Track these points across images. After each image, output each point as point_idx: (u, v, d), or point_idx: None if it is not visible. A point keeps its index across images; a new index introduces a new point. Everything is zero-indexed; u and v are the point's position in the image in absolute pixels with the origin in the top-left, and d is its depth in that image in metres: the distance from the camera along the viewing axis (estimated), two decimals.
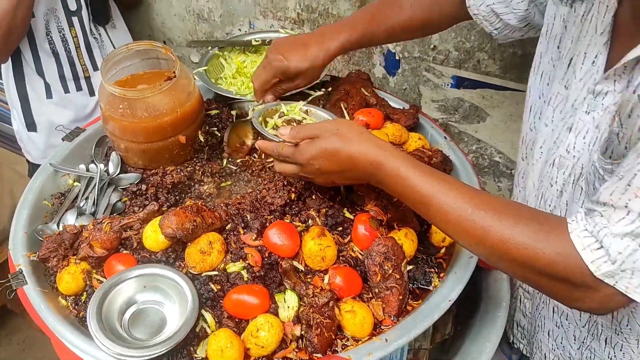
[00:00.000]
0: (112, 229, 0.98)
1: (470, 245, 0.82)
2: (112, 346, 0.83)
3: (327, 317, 0.90)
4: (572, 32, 0.88)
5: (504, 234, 0.75)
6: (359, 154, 0.86)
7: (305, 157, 0.90)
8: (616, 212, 0.69)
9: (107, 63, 1.17)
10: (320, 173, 0.91)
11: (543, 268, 0.74)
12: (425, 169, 0.84)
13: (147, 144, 1.18)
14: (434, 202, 0.81)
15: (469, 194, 0.80)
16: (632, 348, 0.94)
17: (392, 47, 1.67)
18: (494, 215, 0.77)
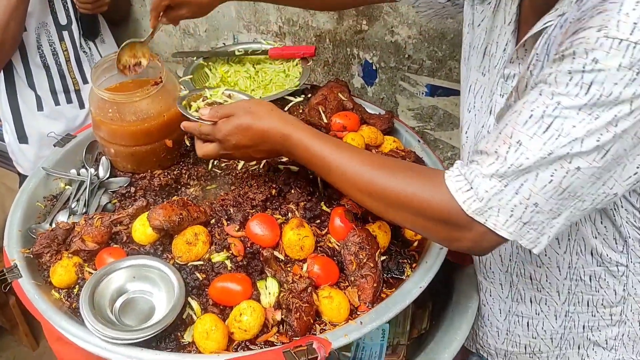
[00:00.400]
0: (102, 223, 1.04)
1: (363, 198, 0.90)
2: (104, 330, 0.89)
3: (306, 302, 0.96)
4: (485, 23, 0.98)
5: (389, 183, 0.85)
6: (269, 128, 0.95)
7: (222, 133, 0.98)
8: (488, 157, 0.76)
9: (97, 69, 1.24)
10: (237, 148, 0.99)
11: (423, 211, 0.82)
12: (325, 138, 0.94)
13: (135, 147, 1.24)
14: (332, 164, 0.91)
15: (361, 154, 0.92)
16: (555, 300, 1.02)
17: (370, 58, 1.76)
18: (381, 169, 0.87)
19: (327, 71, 1.89)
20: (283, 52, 1.52)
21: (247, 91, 1.47)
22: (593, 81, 0.67)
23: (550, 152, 0.71)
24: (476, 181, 0.77)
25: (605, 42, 0.66)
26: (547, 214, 0.76)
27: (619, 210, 0.89)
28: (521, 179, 0.74)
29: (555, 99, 0.70)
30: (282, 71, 1.51)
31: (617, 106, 0.67)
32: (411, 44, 1.66)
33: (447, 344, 1.14)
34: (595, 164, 0.71)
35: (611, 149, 0.70)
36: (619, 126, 0.68)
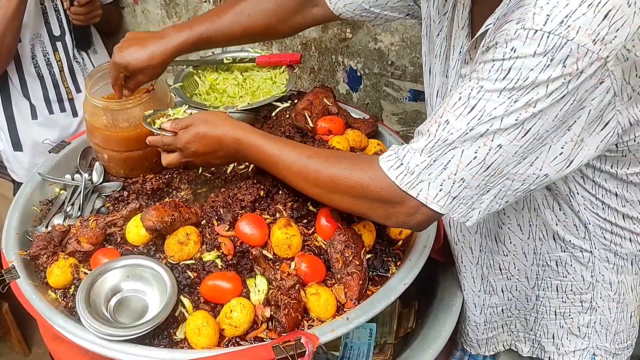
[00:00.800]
0: (97, 225, 1.08)
1: (309, 188, 0.99)
2: (99, 327, 0.92)
3: (294, 299, 1.00)
4: (445, 32, 1.04)
5: (329, 171, 0.93)
6: (223, 134, 1.04)
7: (182, 142, 1.07)
8: (421, 136, 0.84)
9: (91, 78, 1.29)
10: (196, 155, 1.08)
11: (363, 193, 0.90)
12: (273, 138, 1.03)
13: (127, 152, 1.28)
14: (280, 160, 0.99)
15: (304, 149, 1.01)
16: (525, 285, 1.08)
17: (354, 65, 1.82)
18: (323, 160, 0.95)
19: (313, 78, 1.94)
20: (270, 59, 1.57)
21: (236, 98, 1.51)
22: (511, 67, 0.73)
23: (471, 129, 0.78)
24: (407, 157, 0.84)
25: (522, 32, 0.73)
26: (475, 189, 0.82)
27: (575, 197, 0.94)
28: (448, 155, 0.81)
29: (479, 83, 0.77)
30: (269, 78, 1.56)
31: (534, 89, 0.74)
32: (394, 50, 1.71)
33: (432, 340, 1.18)
34: (516, 142, 0.77)
35: (532, 128, 0.76)
36: (537, 107, 0.74)
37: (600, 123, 0.78)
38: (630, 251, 1.00)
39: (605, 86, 0.74)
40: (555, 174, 0.82)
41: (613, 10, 0.70)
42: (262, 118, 1.43)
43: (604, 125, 0.79)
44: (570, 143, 0.79)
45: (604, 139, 0.80)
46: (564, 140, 0.78)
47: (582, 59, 0.71)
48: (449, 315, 1.23)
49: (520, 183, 0.82)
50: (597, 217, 0.96)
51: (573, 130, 0.78)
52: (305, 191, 1.01)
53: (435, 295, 1.30)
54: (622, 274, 1.02)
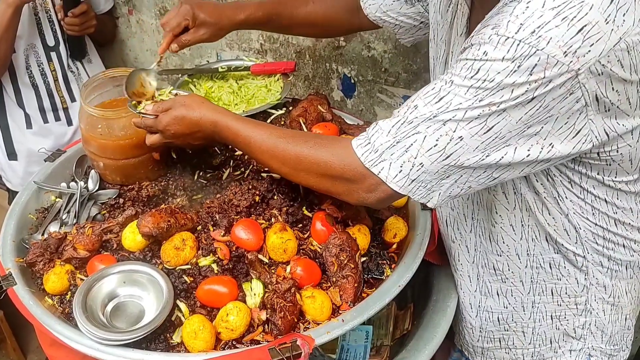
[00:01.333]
0: (94, 232, 1.09)
1: (278, 166, 1.02)
2: (96, 332, 0.93)
3: (290, 302, 1.01)
4: (445, 35, 1.07)
5: (296, 149, 0.97)
6: (201, 117, 1.08)
7: (163, 124, 1.12)
8: (392, 118, 0.87)
9: (87, 87, 1.30)
10: (176, 137, 1.13)
11: (324, 170, 0.94)
12: (248, 120, 1.07)
13: (123, 160, 1.29)
14: (252, 140, 1.03)
15: (275, 130, 1.05)
16: (520, 290, 1.09)
17: (348, 72, 1.84)
18: (290, 140, 1.00)
19: (308, 85, 1.97)
20: (265, 68, 1.59)
21: (231, 106, 1.53)
22: (480, 68, 0.77)
23: (435, 115, 0.82)
24: (374, 135, 0.88)
25: (494, 37, 0.76)
26: (434, 174, 0.85)
27: (564, 201, 0.95)
28: (411, 139, 0.84)
29: (451, 78, 0.81)
30: (264, 86, 1.58)
31: (499, 92, 0.77)
32: (387, 58, 1.73)
33: (427, 341, 1.19)
34: (477, 137, 0.81)
35: (494, 127, 0.79)
36: (500, 107, 0.78)
37: (572, 131, 0.81)
38: (624, 256, 1.01)
39: (574, 97, 0.76)
40: (521, 171, 0.85)
41: (588, 26, 0.72)
42: None
43: (576, 133, 0.81)
44: (537, 146, 0.82)
45: (576, 146, 0.82)
46: (530, 143, 0.81)
47: (550, 68, 0.74)
48: (444, 317, 1.24)
49: (483, 173, 0.85)
50: (588, 222, 0.97)
51: (540, 134, 0.81)
52: (274, 169, 1.05)
53: (430, 297, 1.31)
54: (616, 278, 1.03)
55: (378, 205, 0.96)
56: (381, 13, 1.32)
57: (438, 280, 1.32)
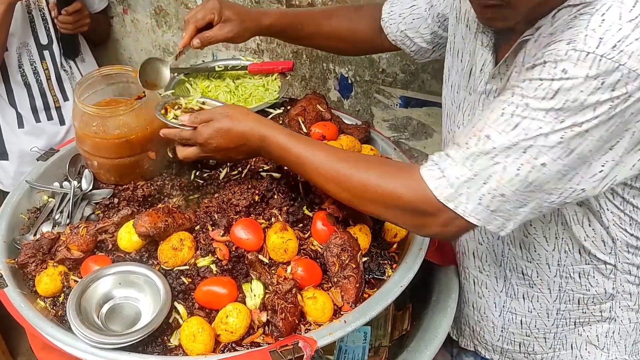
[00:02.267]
0: (88, 232, 1.06)
1: (338, 192, 0.95)
2: (91, 335, 0.90)
3: (291, 303, 0.98)
4: (469, 46, 1.04)
5: (361, 177, 0.91)
6: (247, 130, 1.01)
7: (203, 137, 1.03)
8: (459, 148, 0.83)
9: (81, 85, 1.27)
10: (217, 150, 1.04)
11: (394, 201, 0.88)
12: (299, 137, 1.00)
13: (118, 159, 1.26)
14: (307, 161, 0.96)
15: (334, 152, 0.97)
16: (547, 297, 1.06)
17: (345, 72, 1.82)
18: (354, 165, 0.92)
19: (305, 86, 1.95)
20: (262, 67, 1.57)
21: None
22: (560, 88, 0.74)
23: (514, 144, 0.77)
24: (448, 169, 0.82)
25: (573, 54, 0.72)
26: (514, 203, 0.81)
27: (606, 213, 0.93)
28: (489, 170, 0.80)
29: (524, 101, 0.77)
30: (262, 85, 1.56)
31: (581, 111, 0.74)
32: (385, 58, 1.72)
33: (428, 342, 1.17)
34: (560, 161, 0.77)
35: (576, 148, 0.76)
36: (582, 127, 0.74)
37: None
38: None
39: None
40: (592, 189, 0.82)
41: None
42: None
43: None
44: (612, 162, 0.79)
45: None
46: (604, 159, 0.79)
47: (631, 82, 0.71)
48: (444, 317, 1.22)
49: (557, 197, 0.82)
50: (625, 233, 0.96)
51: (615, 149, 0.78)
52: (333, 194, 0.98)
53: (430, 297, 1.29)
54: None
55: (451, 239, 0.93)
56: (400, 32, 1.28)
57: (438, 280, 1.30)
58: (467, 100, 1.06)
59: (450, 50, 1.12)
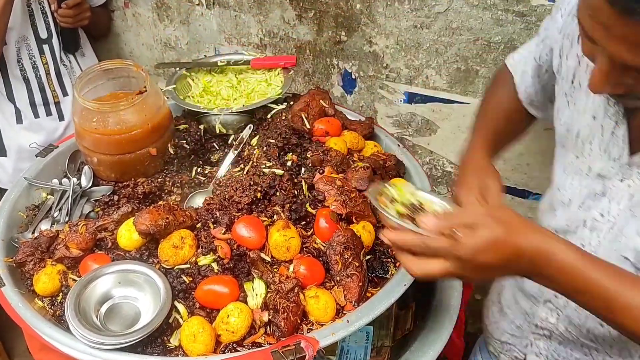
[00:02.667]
0: (87, 230, 1.04)
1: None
2: (89, 335, 0.88)
3: (293, 302, 0.97)
4: (577, 105, 0.95)
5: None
6: (527, 245, 0.76)
7: (469, 250, 0.75)
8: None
9: (81, 80, 1.24)
10: (482, 269, 0.77)
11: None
12: (600, 263, 0.77)
13: (119, 155, 1.24)
14: (614, 297, 0.75)
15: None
16: None
17: (349, 67, 1.80)
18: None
19: (308, 81, 1.92)
20: (265, 62, 1.55)
21: (230, 100, 1.48)
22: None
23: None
24: None
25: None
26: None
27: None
28: None
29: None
30: (264, 80, 1.53)
31: None
32: (389, 53, 1.69)
33: (432, 342, 1.16)
34: None
35: None
36: None
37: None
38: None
39: None
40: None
41: None
42: (257, 120, 1.40)
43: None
44: None
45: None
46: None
47: None
48: (447, 317, 1.21)
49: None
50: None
51: None
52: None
53: (433, 296, 1.27)
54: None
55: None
56: (533, 90, 1.16)
57: (441, 279, 1.28)
58: (574, 164, 0.99)
59: (556, 109, 1.04)
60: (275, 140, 1.28)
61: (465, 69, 1.59)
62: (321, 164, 1.21)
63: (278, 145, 1.26)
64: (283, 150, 1.26)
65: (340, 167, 1.22)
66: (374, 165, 1.26)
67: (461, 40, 1.56)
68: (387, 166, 1.29)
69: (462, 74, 1.60)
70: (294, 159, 1.23)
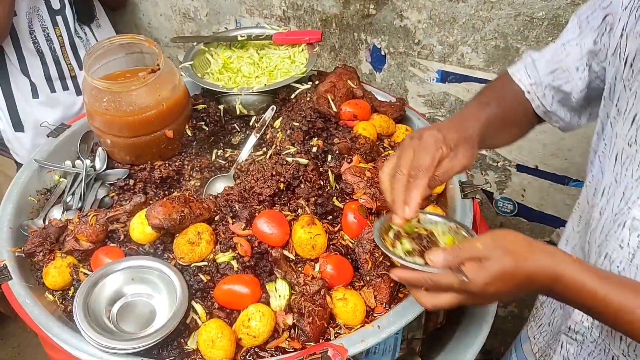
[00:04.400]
0: (97, 221, 0.97)
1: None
2: (99, 339, 0.82)
3: (319, 305, 0.89)
4: (635, 89, 0.85)
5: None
6: (536, 270, 0.76)
7: (479, 284, 0.75)
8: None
9: (90, 56, 1.16)
10: (493, 297, 0.78)
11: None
12: (611, 279, 0.76)
13: (133, 138, 1.17)
14: (631, 317, 0.74)
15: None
16: None
17: (378, 43, 1.68)
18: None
19: (334, 57, 1.81)
20: (288, 37, 1.44)
21: (251, 78, 1.39)
22: None
23: None
24: None
25: None
26: None
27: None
28: None
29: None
30: (288, 57, 1.43)
31: None
32: (421, 28, 1.57)
33: (469, 344, 1.09)
34: None
35: None
36: None
37: None
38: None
39: None
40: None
41: None
42: (280, 100, 1.31)
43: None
44: None
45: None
46: None
47: None
48: (485, 319, 1.14)
49: None
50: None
51: None
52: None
53: None
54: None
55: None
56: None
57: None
58: (626, 151, 0.89)
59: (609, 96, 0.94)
60: (300, 123, 1.19)
61: (505, 47, 1.46)
62: (349, 152, 1.11)
63: (302, 129, 1.17)
64: (308, 135, 1.17)
65: (370, 156, 1.12)
66: None
67: (501, 15, 1.43)
68: None
69: (501, 51, 1.48)
70: (320, 144, 1.13)
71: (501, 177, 1.72)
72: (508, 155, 1.65)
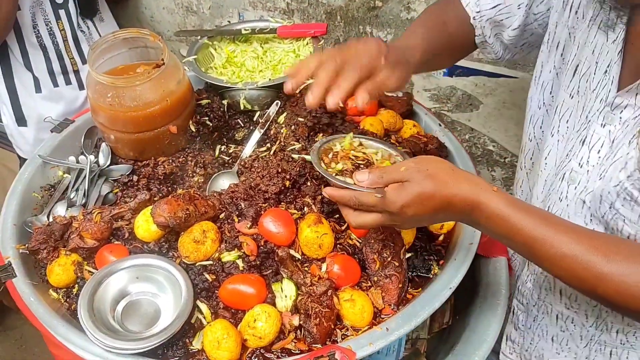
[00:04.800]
0: (102, 219, 0.96)
1: (583, 291, 0.77)
2: (104, 338, 0.81)
3: (326, 307, 0.88)
4: (578, 38, 0.85)
5: (613, 275, 0.70)
6: (455, 195, 0.78)
7: (397, 204, 0.78)
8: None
9: (94, 51, 1.14)
10: (412, 219, 0.80)
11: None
12: (526, 208, 0.77)
13: (137, 134, 1.15)
14: (542, 247, 0.75)
15: (574, 231, 0.75)
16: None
17: (384, 36, 1.65)
18: (609, 261, 0.71)
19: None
20: (292, 30, 1.42)
21: (255, 72, 1.37)
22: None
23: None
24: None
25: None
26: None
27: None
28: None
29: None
30: (292, 51, 1.41)
31: None
32: None
33: (477, 345, 1.06)
34: None
35: None
36: None
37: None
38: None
39: None
40: None
41: None
42: (284, 95, 1.29)
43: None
44: None
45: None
46: None
47: None
48: (494, 318, 1.11)
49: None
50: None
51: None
52: (577, 289, 0.78)
53: (475, 290, 1.17)
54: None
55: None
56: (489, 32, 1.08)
57: (485, 272, 1.18)
58: (567, 103, 0.88)
59: (548, 42, 0.94)
60: (305, 118, 1.17)
61: None
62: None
63: (307, 124, 1.15)
64: (313, 130, 1.15)
65: None
66: (414, 149, 1.14)
67: None
68: (429, 150, 1.17)
69: None
70: None
71: (508, 173, 1.70)
72: (515, 152, 1.64)
